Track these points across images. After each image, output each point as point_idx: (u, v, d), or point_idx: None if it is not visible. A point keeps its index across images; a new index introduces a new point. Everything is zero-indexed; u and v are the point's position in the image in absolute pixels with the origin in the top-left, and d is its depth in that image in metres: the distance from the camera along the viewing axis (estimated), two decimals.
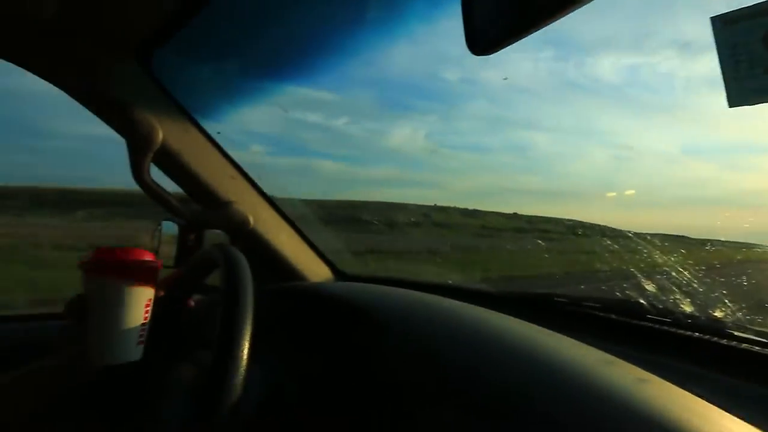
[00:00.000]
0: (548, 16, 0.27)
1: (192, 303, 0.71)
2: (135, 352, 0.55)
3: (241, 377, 0.39)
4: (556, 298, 0.69)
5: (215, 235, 1.08)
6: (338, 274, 1.10)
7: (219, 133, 0.85)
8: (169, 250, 1.01)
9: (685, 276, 0.77)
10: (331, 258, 1.08)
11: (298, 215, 1.04)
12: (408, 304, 0.64)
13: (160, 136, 0.74)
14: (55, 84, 0.77)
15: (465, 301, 0.69)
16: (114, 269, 0.53)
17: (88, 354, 0.55)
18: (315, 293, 0.85)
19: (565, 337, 0.53)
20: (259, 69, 1.05)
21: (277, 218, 0.97)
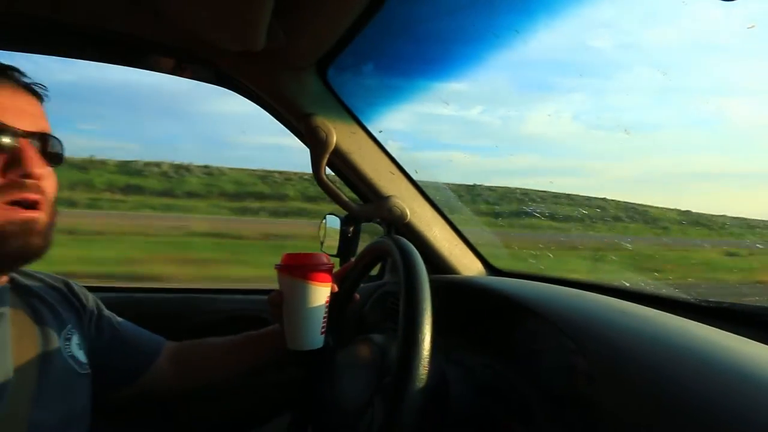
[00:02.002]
0: None
1: (357, 297, 0.78)
2: (318, 341, 0.66)
3: (426, 368, 0.41)
4: None
5: (371, 228, 1.18)
6: (490, 268, 1.07)
7: (381, 131, 0.92)
8: (333, 241, 1.14)
9: None
10: (482, 252, 1.07)
11: (449, 208, 1.05)
12: (587, 307, 0.58)
13: (334, 139, 0.84)
14: (257, 103, 0.94)
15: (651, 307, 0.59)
16: (299, 271, 0.63)
17: (286, 338, 0.67)
18: (470, 287, 0.85)
19: None
20: (411, 69, 1.10)
21: (431, 211, 1.00)
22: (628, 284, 0.84)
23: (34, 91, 0.59)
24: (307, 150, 0.89)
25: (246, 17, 0.59)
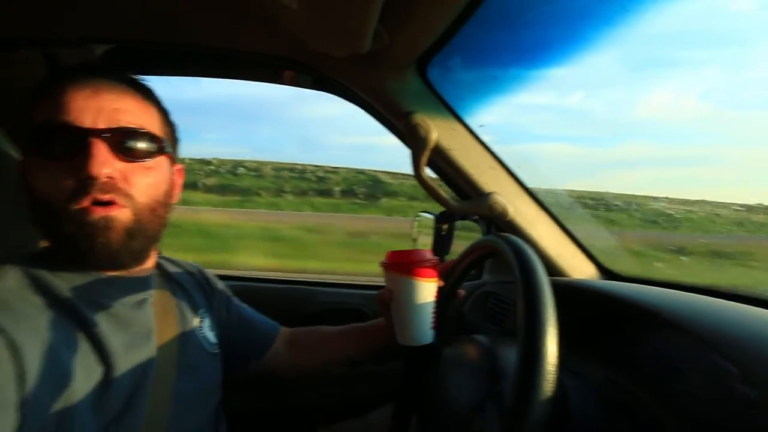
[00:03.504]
0: None
1: (462, 293, 0.76)
2: (428, 336, 0.65)
3: (552, 384, 0.38)
4: None
5: (470, 225, 1.15)
6: (605, 272, 0.97)
7: (482, 126, 0.88)
8: (426, 239, 1.14)
9: None
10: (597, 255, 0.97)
11: (557, 206, 0.97)
12: (746, 322, 0.49)
13: (434, 136, 0.83)
14: (356, 104, 0.98)
15: None
16: (405, 267, 0.64)
17: (395, 334, 0.68)
18: (585, 291, 0.77)
19: None
20: (514, 59, 1.04)
21: (536, 208, 0.94)
22: None
23: (125, 86, 0.56)
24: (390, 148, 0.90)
25: (354, 25, 0.61)
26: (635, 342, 0.60)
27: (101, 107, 0.52)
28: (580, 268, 0.94)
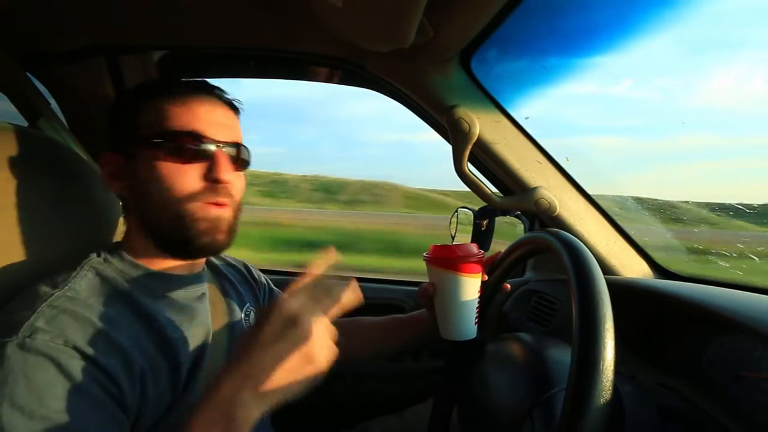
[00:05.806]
0: None
1: (508, 287, 0.74)
2: (472, 331, 0.64)
3: (608, 398, 0.36)
4: None
5: (511, 221, 1.12)
6: (660, 270, 0.91)
7: (527, 118, 0.85)
8: (464, 235, 1.12)
9: None
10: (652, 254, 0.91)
11: (607, 203, 0.92)
12: None
13: (478, 129, 0.81)
14: (398, 100, 0.97)
15: None
16: (450, 263, 0.62)
17: (439, 328, 0.66)
18: (641, 290, 0.73)
19: None
20: (561, 48, 0.99)
21: (584, 204, 0.90)
22: None
23: (231, 105, 0.65)
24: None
25: (399, 19, 0.60)
26: (697, 346, 0.57)
27: (219, 122, 0.61)
28: (632, 267, 0.89)
